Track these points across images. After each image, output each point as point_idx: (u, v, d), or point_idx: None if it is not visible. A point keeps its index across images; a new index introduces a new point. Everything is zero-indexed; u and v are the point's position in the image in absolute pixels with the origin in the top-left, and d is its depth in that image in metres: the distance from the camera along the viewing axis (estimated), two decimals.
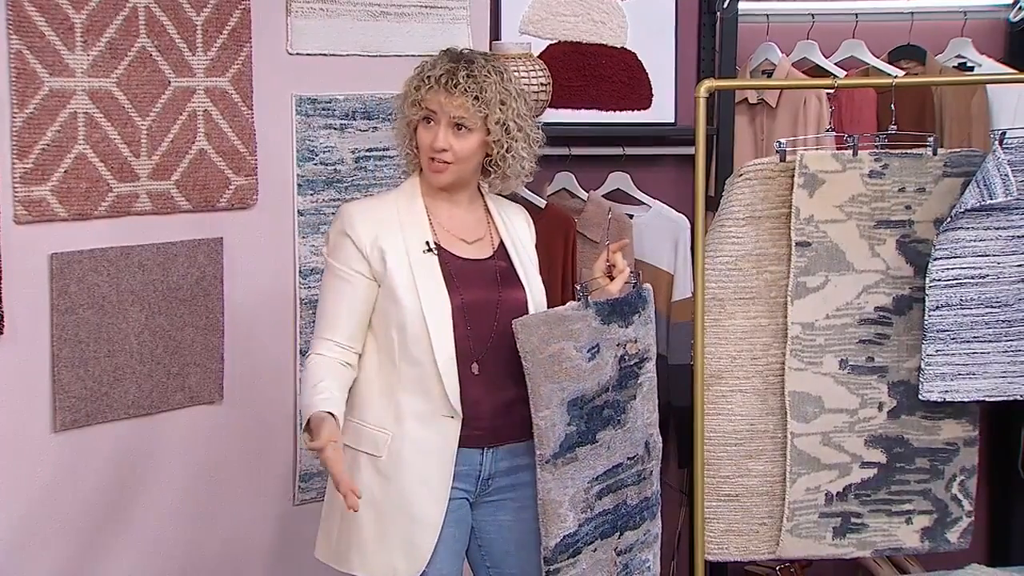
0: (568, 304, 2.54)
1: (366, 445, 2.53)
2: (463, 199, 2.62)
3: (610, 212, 3.71)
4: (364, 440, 2.53)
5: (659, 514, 2.76)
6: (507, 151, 2.56)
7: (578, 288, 2.53)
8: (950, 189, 3.05)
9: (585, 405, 2.54)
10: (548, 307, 2.61)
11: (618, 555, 2.65)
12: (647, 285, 2.67)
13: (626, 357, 2.60)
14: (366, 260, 2.51)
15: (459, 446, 2.51)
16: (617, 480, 2.63)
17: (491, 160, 2.58)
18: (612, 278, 2.61)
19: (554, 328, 2.49)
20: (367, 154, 3.27)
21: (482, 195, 2.66)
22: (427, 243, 2.54)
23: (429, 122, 2.52)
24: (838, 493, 3.14)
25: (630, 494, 2.65)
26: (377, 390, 2.54)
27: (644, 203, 3.84)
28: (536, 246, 2.73)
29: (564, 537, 2.54)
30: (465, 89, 2.49)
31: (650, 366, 2.67)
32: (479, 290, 2.54)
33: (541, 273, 2.68)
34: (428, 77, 2.51)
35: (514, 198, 2.80)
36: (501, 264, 2.60)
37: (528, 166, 2.62)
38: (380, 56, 3.26)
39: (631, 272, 2.62)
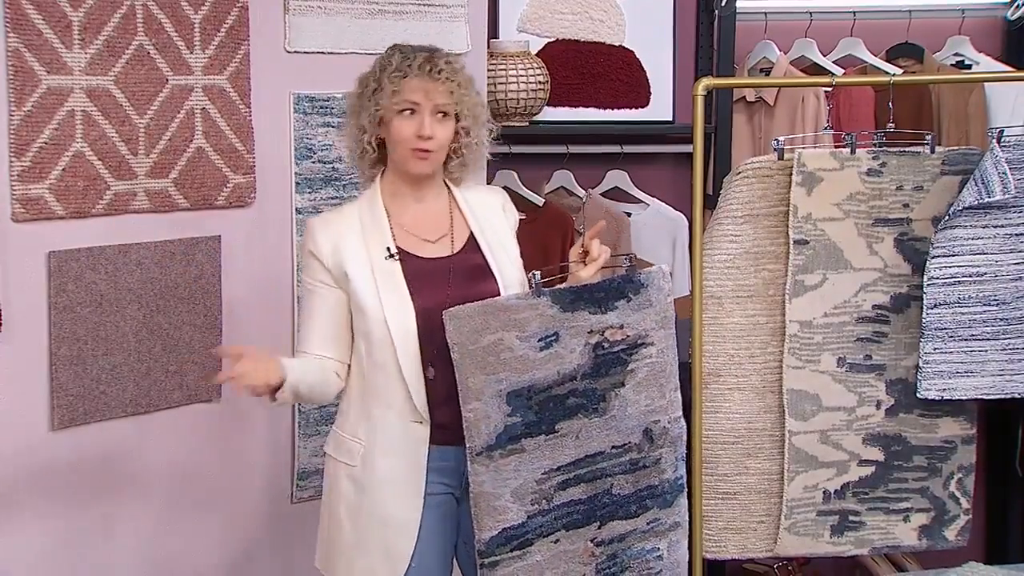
0: (511, 292, 2.54)
1: (344, 455, 2.58)
2: (429, 194, 2.62)
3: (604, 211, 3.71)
4: (342, 451, 2.59)
5: (680, 501, 2.72)
6: (474, 139, 2.59)
7: (530, 277, 2.52)
8: (948, 187, 3.05)
9: (535, 396, 2.51)
10: None
11: (598, 546, 2.63)
12: (654, 268, 2.64)
13: (605, 344, 2.56)
14: (328, 271, 2.54)
15: (433, 443, 2.54)
16: (594, 469, 2.60)
17: (455, 148, 2.59)
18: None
19: (491, 318, 2.47)
20: None
21: (447, 187, 2.66)
22: (388, 249, 2.54)
23: (410, 113, 2.52)
24: (836, 491, 3.14)
25: (618, 483, 2.62)
26: (353, 400, 2.58)
27: (642, 201, 3.84)
28: (533, 243, 2.73)
29: (504, 530, 2.52)
30: (448, 76, 2.53)
31: (650, 351, 2.62)
32: (441, 291, 2.54)
33: (537, 269, 2.67)
34: (407, 67, 2.52)
35: (510, 195, 2.80)
36: (470, 259, 2.59)
37: (485, 153, 2.66)
38: (378, 54, 3.24)
39: (625, 258, 2.61)
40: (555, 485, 2.57)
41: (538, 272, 2.51)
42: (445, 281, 2.55)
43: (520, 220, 2.76)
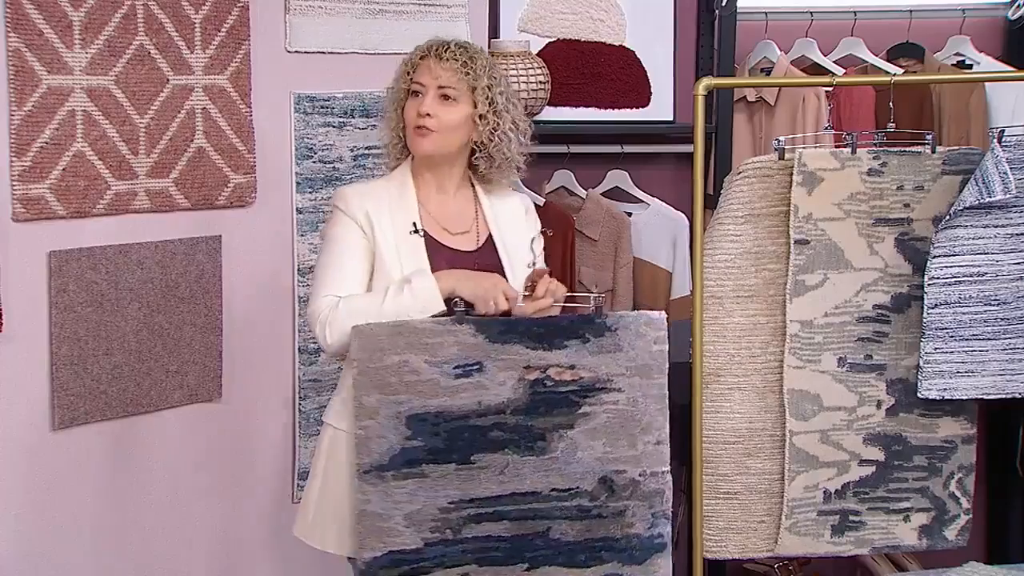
0: (404, 304, 2.47)
1: (345, 424, 2.56)
2: (450, 187, 2.63)
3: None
4: (344, 418, 2.56)
5: (658, 561, 2.59)
6: (493, 129, 2.58)
7: (454, 302, 2.46)
8: (949, 187, 3.05)
9: (445, 423, 2.45)
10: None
11: None
12: (635, 313, 2.54)
13: (547, 382, 2.48)
14: (360, 228, 2.56)
15: None
16: (524, 509, 2.51)
17: (476, 140, 2.60)
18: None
19: (399, 338, 2.43)
20: (365, 152, 3.26)
21: (472, 186, 2.66)
22: (414, 224, 2.56)
23: (417, 95, 2.56)
24: (836, 491, 3.14)
25: (559, 528, 2.52)
26: None
27: (643, 201, 3.84)
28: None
29: (392, 552, 2.47)
30: (454, 56, 2.55)
31: (614, 398, 2.52)
32: None
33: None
34: (422, 52, 2.58)
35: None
36: (488, 259, 2.60)
37: (516, 154, 2.63)
38: (379, 54, 3.26)
39: (595, 297, 2.52)
40: (465, 517, 2.49)
41: (461, 299, 2.45)
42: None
43: None
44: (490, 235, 2.63)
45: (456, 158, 2.62)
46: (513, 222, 2.67)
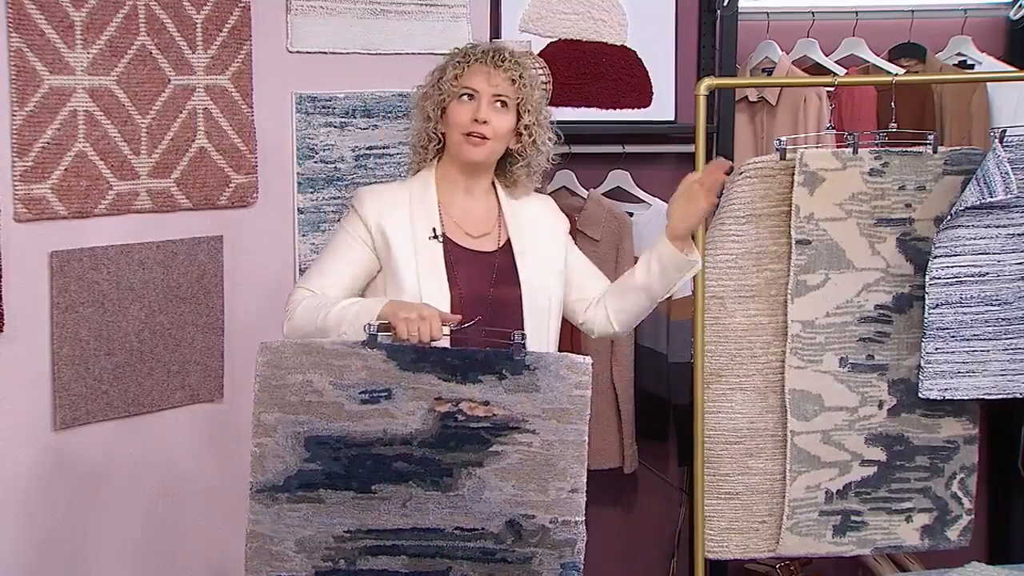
0: (339, 338, 2.40)
1: None
2: (479, 190, 2.62)
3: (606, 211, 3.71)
4: None
5: None
6: (535, 140, 2.59)
7: (367, 326, 2.35)
8: (950, 187, 3.05)
9: (346, 449, 2.36)
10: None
11: None
12: (559, 355, 2.39)
13: (459, 416, 2.36)
14: (369, 233, 2.55)
15: None
16: (426, 546, 2.39)
17: (518, 149, 2.60)
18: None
19: (305, 357, 2.36)
20: (367, 152, 3.26)
21: (495, 190, 2.66)
22: (433, 230, 2.55)
23: (467, 99, 2.54)
24: (838, 491, 3.14)
25: (460, 567, 2.40)
26: None
27: (644, 201, 3.84)
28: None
29: None
30: (511, 66, 2.55)
31: (527, 439, 2.37)
32: (477, 284, 2.54)
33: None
34: (471, 54, 2.57)
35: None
36: (504, 261, 2.59)
37: (546, 163, 2.65)
38: (380, 54, 3.26)
39: (515, 334, 2.37)
40: (362, 548, 2.39)
41: (374, 323, 2.36)
42: (485, 275, 2.55)
43: None
44: (508, 238, 2.62)
45: (493, 165, 2.62)
46: (536, 224, 2.65)
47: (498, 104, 2.54)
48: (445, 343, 2.41)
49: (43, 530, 2.79)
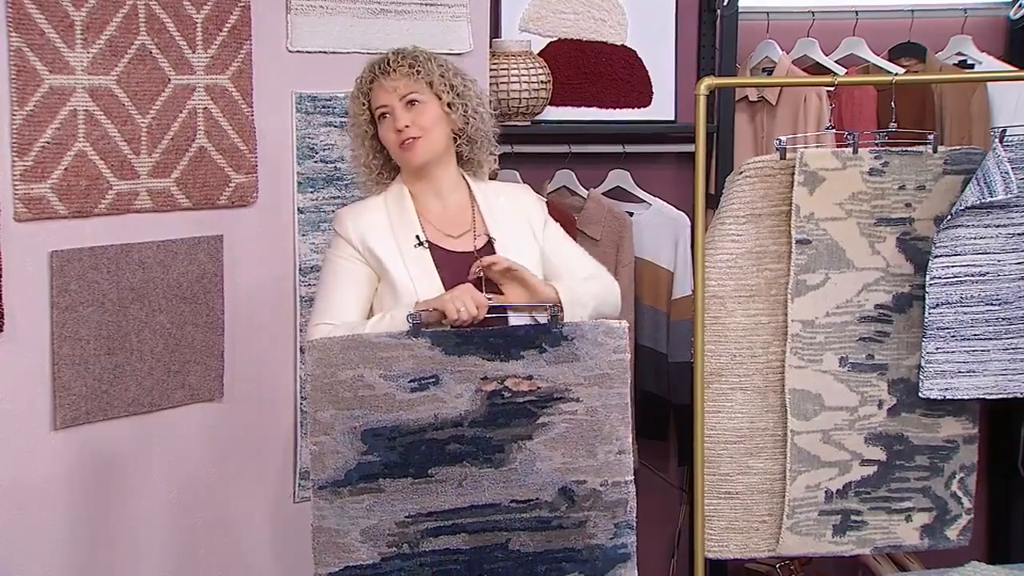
0: (382, 330, 2.45)
1: None
2: (447, 189, 2.63)
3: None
4: None
5: (620, 572, 2.53)
6: (464, 111, 2.60)
7: (409, 316, 2.42)
8: (950, 187, 3.05)
9: (401, 437, 2.42)
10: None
11: None
12: (593, 322, 2.51)
13: (505, 393, 2.45)
14: (358, 251, 2.58)
15: None
16: (483, 521, 2.47)
17: (455, 131, 2.61)
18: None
19: (353, 353, 2.41)
20: None
21: (467, 183, 2.67)
22: (417, 237, 2.57)
23: (385, 117, 2.57)
24: (838, 491, 3.14)
25: (518, 539, 2.48)
26: None
27: (644, 201, 3.85)
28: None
29: (349, 568, 2.44)
30: (399, 64, 2.57)
31: (572, 407, 2.47)
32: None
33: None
34: (366, 78, 2.60)
35: None
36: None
37: (490, 127, 2.65)
38: (380, 54, 3.25)
39: (551, 307, 2.49)
40: (423, 531, 2.46)
41: (415, 312, 2.42)
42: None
43: None
44: (488, 233, 2.63)
45: (445, 157, 2.62)
46: (511, 212, 2.66)
47: (409, 104, 2.56)
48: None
49: (43, 530, 2.79)
